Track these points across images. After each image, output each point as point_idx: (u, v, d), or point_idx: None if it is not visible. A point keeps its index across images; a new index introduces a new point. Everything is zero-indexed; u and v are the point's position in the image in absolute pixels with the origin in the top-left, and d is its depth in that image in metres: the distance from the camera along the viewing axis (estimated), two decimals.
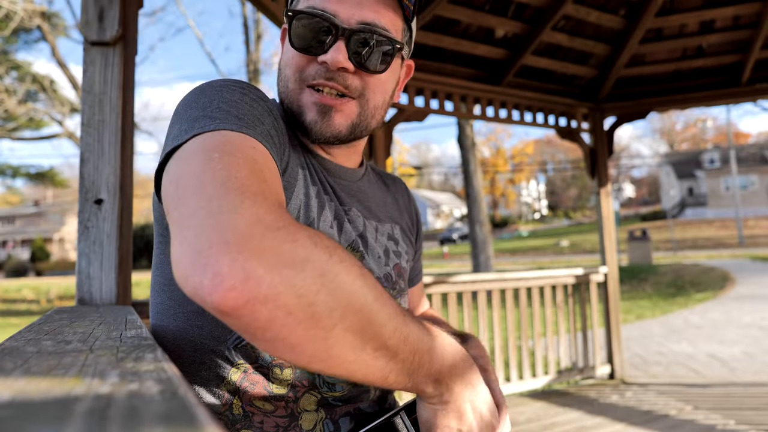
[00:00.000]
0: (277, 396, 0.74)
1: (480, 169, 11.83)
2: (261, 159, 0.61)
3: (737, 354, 5.65)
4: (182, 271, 0.48)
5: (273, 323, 0.47)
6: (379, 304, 0.53)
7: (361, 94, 0.80)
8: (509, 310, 3.81)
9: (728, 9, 3.73)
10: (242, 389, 0.73)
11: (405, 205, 1.03)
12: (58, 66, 14.91)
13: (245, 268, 0.46)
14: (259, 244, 0.47)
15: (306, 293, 0.47)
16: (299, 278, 0.47)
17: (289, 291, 0.47)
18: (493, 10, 3.59)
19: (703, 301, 10.43)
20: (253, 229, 0.48)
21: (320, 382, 0.77)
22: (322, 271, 0.49)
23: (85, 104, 1.55)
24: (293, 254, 0.48)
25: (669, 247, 26.52)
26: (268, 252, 0.47)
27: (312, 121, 0.78)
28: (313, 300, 0.48)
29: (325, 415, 0.77)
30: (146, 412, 0.27)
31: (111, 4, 1.59)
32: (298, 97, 0.79)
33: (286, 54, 0.81)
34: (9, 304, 16.62)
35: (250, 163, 0.58)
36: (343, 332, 0.50)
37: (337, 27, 0.75)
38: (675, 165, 48.69)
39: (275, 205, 0.54)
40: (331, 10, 0.75)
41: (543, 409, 3.52)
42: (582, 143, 4.41)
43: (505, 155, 61.69)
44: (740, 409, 3.30)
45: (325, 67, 0.76)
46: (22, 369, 0.41)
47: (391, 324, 0.54)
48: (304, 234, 0.51)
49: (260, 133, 0.65)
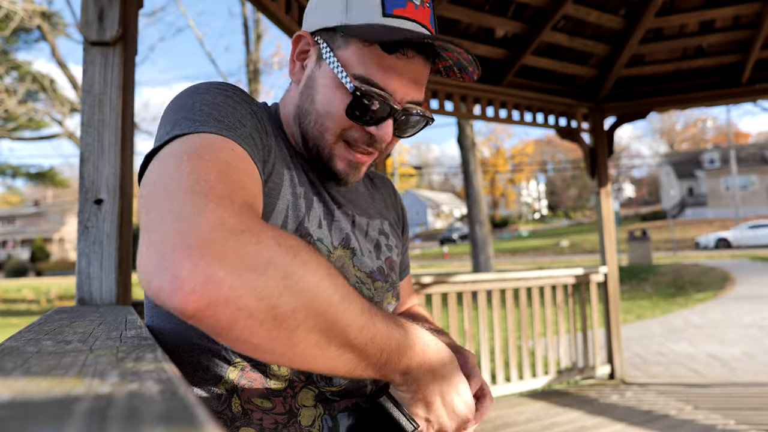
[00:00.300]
0: (276, 392, 0.75)
1: (480, 169, 11.83)
2: (236, 161, 0.62)
3: (737, 354, 5.65)
4: (145, 274, 0.50)
5: (236, 324, 0.48)
6: (346, 303, 0.54)
7: (385, 151, 0.86)
8: (509, 310, 3.81)
9: (728, 9, 3.73)
10: (240, 387, 0.74)
11: (391, 202, 1.06)
12: (58, 66, 14.92)
13: (206, 272, 0.47)
14: (221, 248, 0.48)
15: (268, 296, 0.48)
16: (261, 281, 0.48)
17: (250, 294, 0.48)
18: (493, 10, 3.59)
19: (703, 301, 10.43)
20: (216, 232, 0.49)
21: (317, 377, 0.77)
22: (286, 273, 0.50)
23: (85, 104, 1.55)
24: (256, 257, 0.49)
25: (669, 247, 26.52)
26: (230, 255, 0.48)
27: (342, 172, 0.83)
28: (276, 302, 0.49)
29: (324, 411, 0.78)
30: (146, 412, 0.27)
31: (111, 4, 1.59)
32: (331, 146, 0.82)
33: (329, 103, 0.79)
34: (9, 304, 16.62)
35: (221, 165, 0.59)
36: (306, 332, 0.51)
37: (391, 108, 0.78)
38: (675, 165, 48.68)
39: (243, 207, 0.54)
40: (390, 89, 0.78)
41: (543, 409, 3.52)
42: (582, 143, 4.41)
43: (505, 155, 61.69)
44: (740, 409, 3.30)
45: (370, 137, 0.81)
46: (22, 369, 0.41)
47: (358, 323, 0.55)
48: (268, 236, 0.51)
49: (240, 135, 0.66)
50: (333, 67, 0.78)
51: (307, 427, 0.76)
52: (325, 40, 0.80)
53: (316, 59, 0.82)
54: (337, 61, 0.77)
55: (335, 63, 0.77)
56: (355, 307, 0.56)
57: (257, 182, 0.65)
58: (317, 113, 0.81)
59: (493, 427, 3.17)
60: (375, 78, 0.77)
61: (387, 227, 0.97)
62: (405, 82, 0.78)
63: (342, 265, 0.84)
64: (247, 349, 0.51)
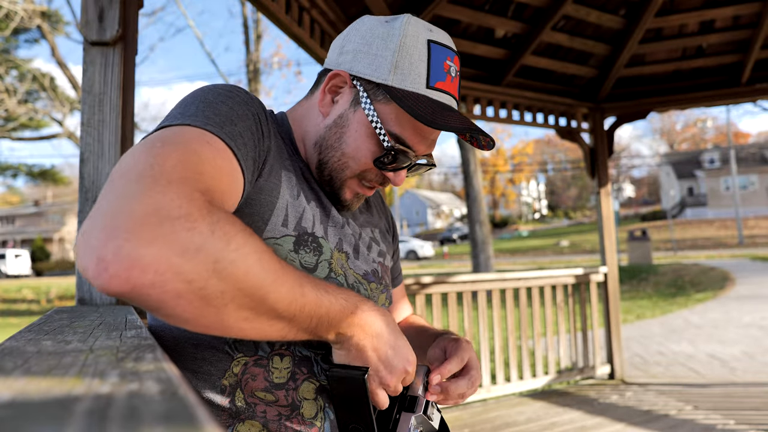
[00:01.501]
0: (278, 385, 0.76)
1: (480, 169, 11.83)
2: (207, 153, 0.62)
3: (737, 354, 5.65)
4: (76, 250, 0.51)
5: (164, 304, 0.51)
6: (278, 284, 0.57)
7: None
8: (509, 310, 3.81)
9: (728, 9, 3.73)
10: (244, 381, 0.75)
11: (381, 211, 1.09)
12: (57, 66, 14.91)
13: (131, 256, 0.48)
14: (152, 233, 0.49)
15: (196, 279, 0.50)
16: (189, 266, 0.49)
17: (176, 278, 0.49)
18: (493, 10, 3.59)
19: (703, 301, 10.43)
20: (150, 216, 0.50)
21: (318, 369, 0.80)
22: (216, 258, 0.51)
23: (85, 104, 1.55)
24: (187, 243, 0.50)
25: (669, 247, 26.52)
26: (160, 241, 0.49)
27: (348, 201, 0.89)
28: (204, 285, 0.51)
29: (324, 403, 0.79)
30: (146, 412, 0.27)
31: (111, 4, 1.59)
32: (346, 178, 0.87)
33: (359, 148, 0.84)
34: (9, 304, 16.62)
35: (186, 154, 0.60)
36: (235, 309, 0.54)
37: (410, 161, 0.86)
38: (675, 165, 48.69)
39: (192, 193, 0.54)
40: (415, 149, 0.85)
41: (543, 409, 3.52)
42: (582, 143, 4.41)
43: (505, 155, 61.69)
44: (740, 409, 3.30)
45: (383, 179, 0.88)
46: (22, 369, 0.41)
47: (287, 299, 0.59)
48: (205, 222, 0.52)
49: (227, 132, 0.67)
50: (371, 118, 0.82)
51: (310, 419, 0.77)
52: (365, 89, 0.83)
53: (351, 101, 0.85)
54: (375, 114, 0.82)
55: (373, 115, 0.82)
56: (285, 286, 0.58)
57: (230, 176, 0.65)
58: (344, 153, 0.85)
59: (493, 427, 3.17)
60: (407, 139, 0.84)
61: (378, 234, 1.01)
62: (428, 143, 0.87)
63: (341, 266, 0.85)
64: (178, 322, 0.54)
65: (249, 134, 0.72)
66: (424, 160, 0.90)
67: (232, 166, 0.66)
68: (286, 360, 0.77)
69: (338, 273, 0.84)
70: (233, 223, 0.56)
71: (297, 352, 0.79)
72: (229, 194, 0.65)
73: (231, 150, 0.66)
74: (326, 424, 0.79)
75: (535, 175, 71.30)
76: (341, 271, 0.85)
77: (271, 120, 0.84)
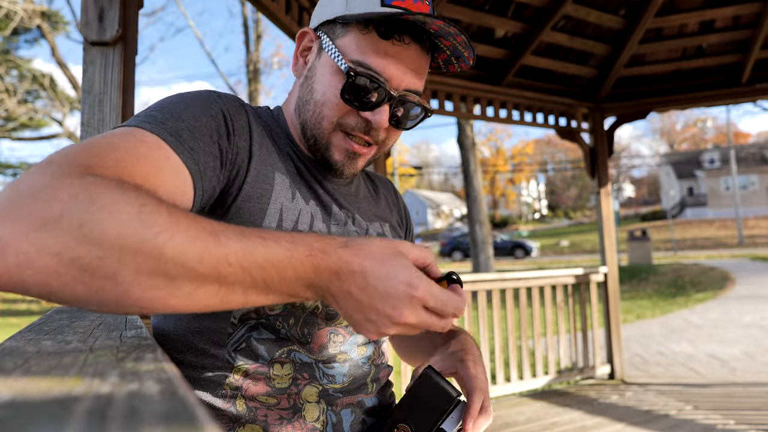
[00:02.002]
0: (280, 390, 0.76)
1: (480, 169, 11.83)
2: (127, 143, 0.60)
3: (737, 354, 5.65)
4: None
5: (48, 286, 0.46)
6: (167, 234, 0.48)
7: (384, 142, 0.85)
8: (509, 310, 3.81)
9: (728, 9, 3.73)
10: (245, 388, 0.75)
11: (393, 203, 1.06)
12: (57, 66, 14.91)
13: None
14: (11, 213, 0.46)
15: (64, 250, 0.45)
16: (51, 237, 0.45)
17: (41, 253, 0.45)
18: (493, 10, 3.59)
19: (703, 301, 10.43)
20: (15, 199, 0.47)
21: (320, 374, 0.79)
22: (80, 222, 0.46)
23: (85, 104, 1.55)
24: (46, 214, 0.46)
25: (669, 247, 26.52)
26: (19, 220, 0.45)
27: (339, 162, 0.83)
28: (76, 255, 0.45)
29: (327, 407, 0.79)
30: (146, 412, 0.27)
31: (111, 4, 1.59)
32: (328, 135, 0.82)
33: (326, 89, 0.80)
34: (9, 304, 16.62)
35: (96, 143, 0.58)
36: (132, 276, 0.47)
37: (387, 93, 0.78)
38: (675, 165, 48.69)
39: (72, 168, 0.51)
40: (386, 75, 0.78)
41: (543, 409, 3.52)
42: (582, 143, 4.41)
43: (505, 155, 61.68)
44: (740, 409, 3.30)
45: (364, 121, 0.80)
46: (22, 369, 0.41)
47: (193, 250, 0.49)
48: (66, 190, 0.47)
49: (167, 128, 0.65)
50: (331, 54, 0.79)
51: (312, 423, 0.77)
52: (326, 32, 0.82)
53: (317, 52, 0.84)
54: (336, 49, 0.79)
55: (334, 50, 0.79)
56: (181, 235, 0.49)
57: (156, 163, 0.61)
58: (315, 102, 0.82)
59: (493, 428, 3.17)
60: (371, 63, 0.77)
61: (388, 229, 0.97)
62: (402, 68, 0.79)
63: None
64: (83, 306, 0.48)
65: (208, 135, 0.70)
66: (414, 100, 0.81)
67: (161, 155, 0.62)
68: (287, 367, 0.77)
69: None
70: (106, 185, 0.49)
71: (297, 358, 0.78)
72: (156, 179, 0.59)
73: (168, 145, 0.63)
74: (329, 428, 0.78)
75: (535, 175, 71.31)
76: None
77: (255, 117, 0.83)
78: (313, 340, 0.79)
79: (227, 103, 0.77)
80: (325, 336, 0.81)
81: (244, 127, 0.79)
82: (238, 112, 0.79)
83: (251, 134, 0.79)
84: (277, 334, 0.77)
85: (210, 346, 0.76)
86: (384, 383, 0.91)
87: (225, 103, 0.77)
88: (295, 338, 0.78)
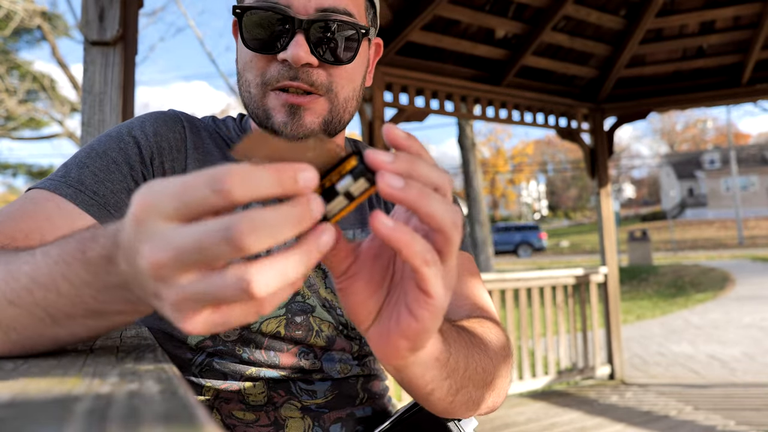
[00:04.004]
0: (255, 407, 0.72)
1: (480, 169, 11.83)
2: (13, 208, 0.63)
3: (737, 354, 5.65)
4: None
5: None
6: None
7: (328, 88, 0.72)
8: (509, 310, 3.81)
9: (728, 9, 3.73)
10: (217, 406, 0.72)
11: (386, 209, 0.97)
12: (58, 66, 14.92)
13: None
14: None
15: None
16: None
17: None
18: (493, 11, 3.59)
19: (703, 301, 10.43)
20: None
21: (297, 390, 0.74)
22: None
23: (85, 104, 1.55)
24: None
25: (669, 248, 26.52)
26: None
27: (281, 122, 0.71)
28: None
29: (313, 422, 0.74)
30: (146, 412, 0.27)
31: (111, 4, 1.59)
32: (262, 102, 0.72)
33: (242, 55, 0.74)
34: None
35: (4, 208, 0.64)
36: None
37: (293, 19, 0.67)
38: (675, 165, 48.68)
39: None
40: (283, 1, 0.68)
41: (543, 409, 3.52)
42: (582, 143, 4.41)
43: (505, 155, 61.69)
44: (740, 410, 3.30)
45: (286, 65, 0.70)
46: (22, 369, 0.41)
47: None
48: None
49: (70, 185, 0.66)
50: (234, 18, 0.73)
51: None
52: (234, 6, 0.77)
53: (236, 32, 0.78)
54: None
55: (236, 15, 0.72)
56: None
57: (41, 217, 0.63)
58: (239, 74, 0.76)
59: (493, 428, 3.17)
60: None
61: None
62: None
63: (312, 284, 0.77)
64: None
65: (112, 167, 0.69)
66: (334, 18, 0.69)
67: (51, 207, 0.64)
68: (259, 385, 0.72)
69: (306, 295, 0.75)
70: None
71: (268, 376, 0.73)
72: (43, 230, 0.61)
73: (56, 194, 0.65)
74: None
75: (535, 175, 71.29)
76: (309, 292, 0.76)
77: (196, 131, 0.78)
78: (281, 362, 0.74)
79: (148, 128, 0.74)
80: (294, 357, 0.75)
81: (173, 144, 0.75)
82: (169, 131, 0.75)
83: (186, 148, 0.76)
84: (239, 359, 0.73)
85: (186, 351, 0.73)
86: (378, 392, 0.84)
87: (145, 128, 0.74)
88: (261, 362, 0.73)
